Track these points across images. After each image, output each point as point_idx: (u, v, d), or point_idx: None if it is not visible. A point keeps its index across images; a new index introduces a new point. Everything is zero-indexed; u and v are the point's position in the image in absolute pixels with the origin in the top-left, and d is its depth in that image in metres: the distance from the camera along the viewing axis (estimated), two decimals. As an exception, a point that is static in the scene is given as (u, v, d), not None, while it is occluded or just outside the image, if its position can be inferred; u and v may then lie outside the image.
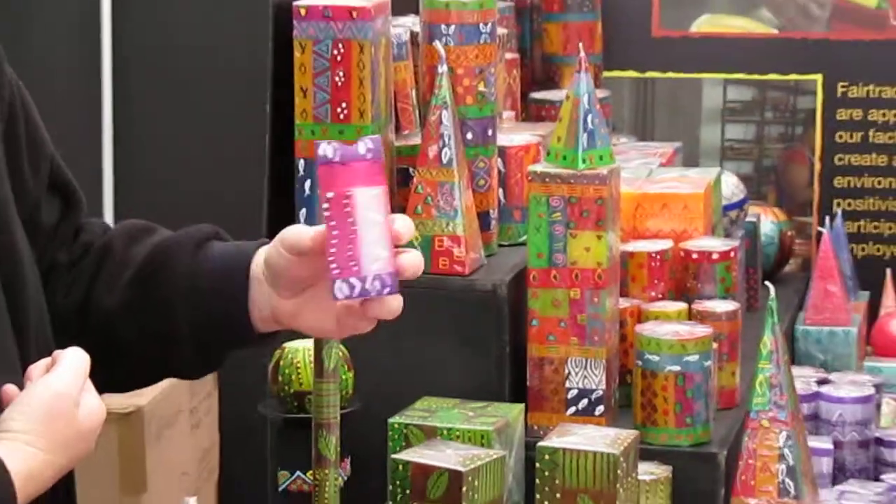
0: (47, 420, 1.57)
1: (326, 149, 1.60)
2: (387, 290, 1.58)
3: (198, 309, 1.75)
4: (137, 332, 1.76)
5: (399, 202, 2.37)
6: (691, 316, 2.39)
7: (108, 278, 1.78)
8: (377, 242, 1.59)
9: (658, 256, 2.47)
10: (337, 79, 2.30)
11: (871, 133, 3.26)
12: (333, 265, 1.59)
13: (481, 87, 2.44)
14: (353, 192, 1.60)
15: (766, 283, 2.53)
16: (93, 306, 1.77)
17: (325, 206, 1.59)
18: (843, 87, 3.26)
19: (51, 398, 1.58)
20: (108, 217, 4.22)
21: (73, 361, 1.61)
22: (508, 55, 2.86)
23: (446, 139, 2.32)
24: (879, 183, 3.27)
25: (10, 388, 1.59)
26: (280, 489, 2.26)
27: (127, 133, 4.21)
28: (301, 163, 2.34)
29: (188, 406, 3.60)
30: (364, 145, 1.61)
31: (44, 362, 1.62)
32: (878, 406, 2.66)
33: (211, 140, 3.99)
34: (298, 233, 1.65)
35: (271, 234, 2.34)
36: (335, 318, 1.66)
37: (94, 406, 1.61)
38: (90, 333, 1.73)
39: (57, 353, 1.63)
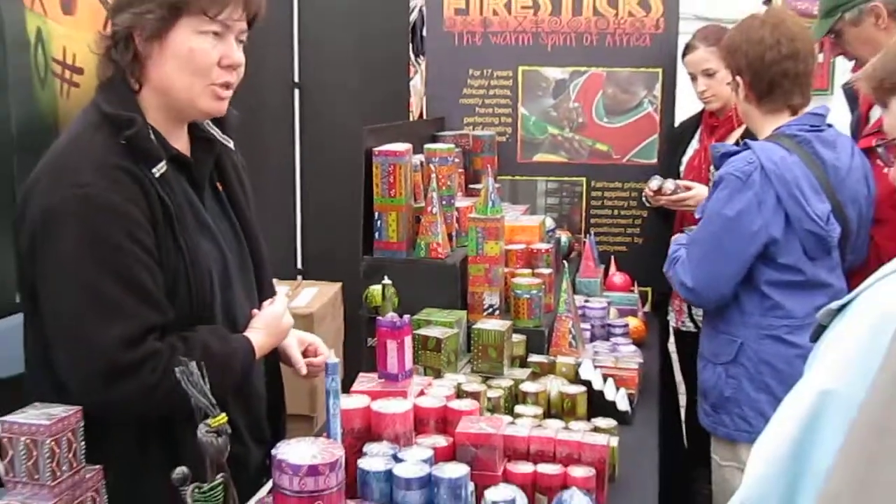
0: (269, 322, 1.53)
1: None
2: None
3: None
4: None
5: (416, 229, 2.32)
6: (533, 275, 2.35)
7: None
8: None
9: (520, 251, 2.42)
10: (391, 179, 2.25)
11: (603, 201, 3.22)
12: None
13: (449, 183, 2.39)
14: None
15: (564, 261, 2.50)
16: None
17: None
18: (594, 182, 3.21)
19: (271, 313, 1.54)
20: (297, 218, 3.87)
21: (281, 299, 1.58)
22: (459, 170, 2.81)
23: (434, 203, 2.27)
24: (608, 222, 3.23)
25: (255, 311, 1.55)
26: (367, 345, 2.22)
27: (308, 190, 3.88)
28: (377, 213, 2.28)
29: (331, 312, 3.53)
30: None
31: (269, 300, 1.57)
32: (609, 311, 2.63)
33: (344, 197, 3.74)
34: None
35: (365, 239, 2.29)
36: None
37: (289, 318, 1.58)
38: None
39: (276, 296, 1.59)
